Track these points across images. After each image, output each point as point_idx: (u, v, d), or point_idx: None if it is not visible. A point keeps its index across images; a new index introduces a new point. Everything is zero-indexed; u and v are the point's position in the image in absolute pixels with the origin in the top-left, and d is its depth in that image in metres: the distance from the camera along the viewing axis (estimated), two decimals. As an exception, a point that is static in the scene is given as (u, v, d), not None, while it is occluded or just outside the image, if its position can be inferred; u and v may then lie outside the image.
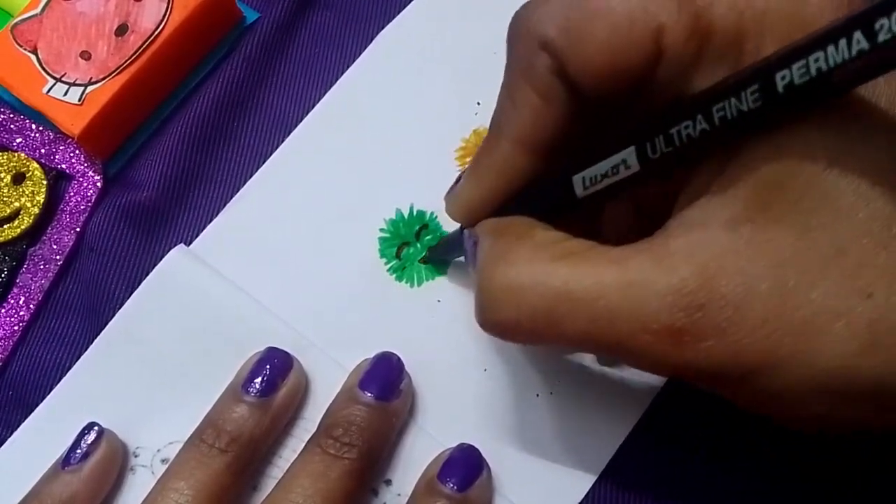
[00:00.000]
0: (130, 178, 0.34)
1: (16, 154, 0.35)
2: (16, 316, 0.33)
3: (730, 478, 0.28)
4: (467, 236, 0.25)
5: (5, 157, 0.34)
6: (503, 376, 0.30)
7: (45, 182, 0.34)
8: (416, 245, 0.32)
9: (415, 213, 0.32)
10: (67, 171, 0.34)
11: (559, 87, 0.22)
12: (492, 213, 0.25)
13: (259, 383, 0.28)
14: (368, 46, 0.35)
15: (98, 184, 0.34)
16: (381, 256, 0.32)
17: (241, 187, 0.33)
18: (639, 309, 0.19)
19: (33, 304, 0.33)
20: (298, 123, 0.34)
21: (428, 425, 0.29)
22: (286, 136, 0.34)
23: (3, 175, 0.34)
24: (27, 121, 0.35)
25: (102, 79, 0.33)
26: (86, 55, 0.33)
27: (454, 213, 0.26)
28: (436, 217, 0.32)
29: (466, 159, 0.33)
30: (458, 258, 0.31)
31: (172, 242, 0.33)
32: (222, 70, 0.35)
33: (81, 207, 0.34)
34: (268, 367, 0.28)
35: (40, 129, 0.35)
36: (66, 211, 0.34)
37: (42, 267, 0.33)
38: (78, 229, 0.34)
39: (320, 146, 0.34)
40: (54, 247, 0.34)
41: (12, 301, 0.33)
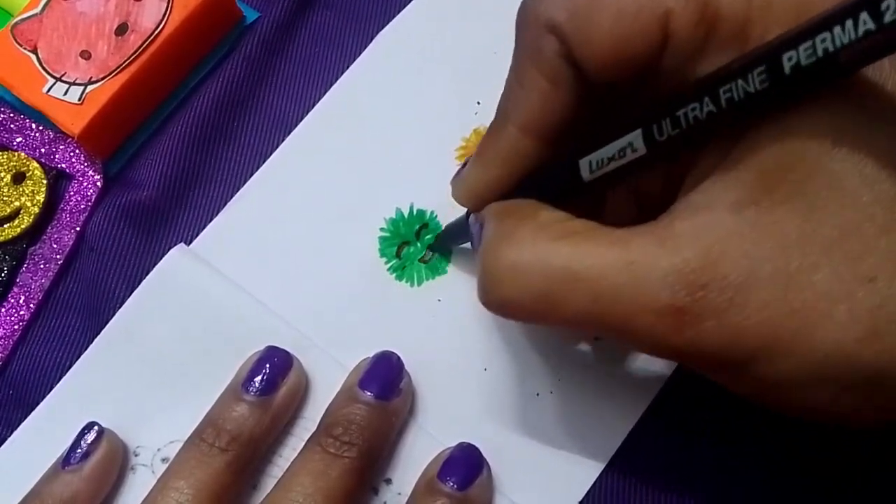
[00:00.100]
0: (131, 178, 0.34)
1: (16, 153, 0.35)
2: (16, 315, 0.33)
3: (730, 477, 0.28)
4: (473, 221, 0.25)
5: (5, 156, 0.34)
6: (503, 375, 0.30)
7: (45, 181, 0.34)
8: (417, 244, 0.32)
9: (415, 212, 0.32)
10: (67, 171, 0.34)
11: (567, 71, 0.22)
12: (498, 198, 0.25)
13: (259, 382, 0.28)
14: (368, 46, 0.35)
15: (98, 183, 0.34)
16: (382, 256, 0.32)
17: (242, 187, 0.34)
18: (641, 288, 0.19)
19: (33, 304, 0.33)
20: (298, 123, 0.34)
21: (428, 425, 0.29)
22: (286, 136, 0.34)
23: (3, 174, 0.34)
24: (27, 120, 0.35)
25: (102, 78, 0.33)
26: (86, 55, 0.33)
27: (460, 198, 0.26)
28: (436, 216, 0.32)
29: (466, 159, 0.33)
30: (463, 244, 0.31)
31: (172, 242, 0.33)
32: (222, 70, 0.35)
33: (81, 207, 0.34)
34: (268, 366, 0.28)
35: (40, 128, 0.35)
36: (66, 210, 0.34)
37: (42, 266, 0.33)
38: (78, 229, 0.34)
39: (320, 146, 0.34)
40: (54, 246, 0.34)
41: (12, 300, 0.33)
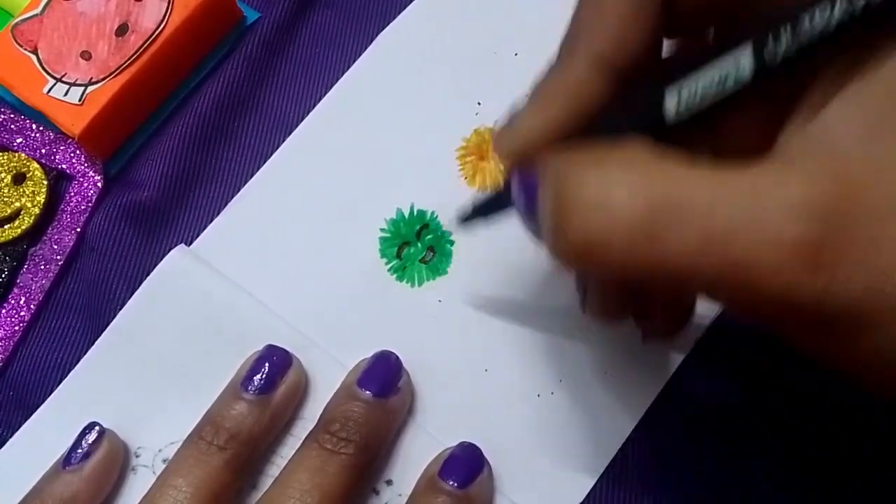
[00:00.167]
0: (131, 178, 0.34)
1: (16, 154, 0.35)
2: (16, 316, 0.33)
3: (732, 478, 0.28)
4: (519, 182, 0.20)
5: (6, 157, 0.34)
6: (504, 376, 0.30)
7: (45, 182, 0.34)
8: (417, 245, 0.32)
9: (415, 212, 0.32)
10: (68, 171, 0.34)
11: None
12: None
13: (258, 381, 0.28)
14: (369, 46, 0.35)
15: (98, 184, 0.34)
16: (382, 256, 0.32)
17: (242, 187, 0.34)
18: (767, 220, 0.15)
19: (34, 305, 0.33)
20: (299, 123, 0.34)
21: (429, 425, 0.29)
22: (287, 136, 0.34)
23: (3, 175, 0.34)
24: (28, 121, 0.35)
25: (103, 79, 0.33)
26: (86, 55, 0.33)
27: (510, 146, 0.21)
28: (436, 216, 0.32)
29: (467, 159, 0.33)
30: (497, 217, 0.25)
31: (173, 242, 0.33)
32: (223, 70, 0.35)
33: (82, 207, 0.34)
34: (267, 364, 0.28)
35: (41, 129, 0.35)
36: (66, 211, 0.34)
37: (43, 267, 0.33)
38: (78, 229, 0.34)
39: (321, 146, 0.34)
40: (55, 247, 0.34)
41: (13, 301, 0.33)
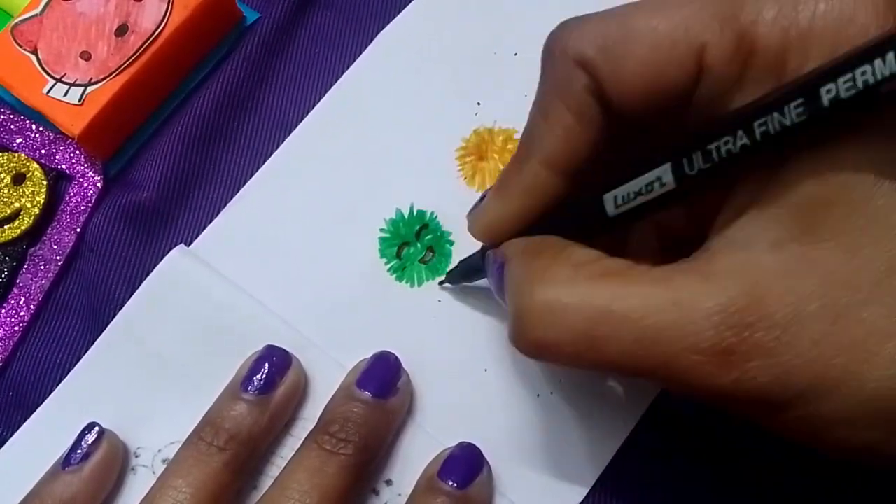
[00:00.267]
0: (131, 179, 0.34)
1: (16, 154, 0.35)
2: (16, 316, 0.33)
3: (732, 477, 0.28)
4: (491, 258, 0.25)
5: (5, 157, 0.34)
6: (504, 376, 0.30)
7: (45, 182, 0.34)
8: (417, 245, 0.32)
9: (415, 212, 0.32)
10: (68, 172, 0.34)
11: (594, 106, 0.21)
12: (518, 234, 0.24)
13: (258, 381, 0.28)
14: (368, 46, 0.35)
15: (98, 184, 0.34)
16: (382, 256, 0.32)
17: (242, 187, 0.33)
18: (686, 328, 0.18)
19: (34, 305, 0.33)
20: (298, 123, 0.34)
21: (428, 425, 0.29)
22: (286, 136, 0.34)
23: (3, 175, 0.34)
24: (27, 121, 0.35)
25: (102, 79, 0.33)
26: (86, 55, 0.33)
27: (478, 233, 0.25)
28: (436, 217, 0.32)
29: (467, 159, 0.33)
30: (477, 282, 0.30)
31: (173, 243, 0.33)
32: (222, 70, 0.35)
33: (82, 208, 0.34)
34: (266, 364, 0.28)
35: (40, 129, 0.35)
36: (66, 211, 0.34)
37: (42, 267, 0.33)
38: (78, 230, 0.34)
39: (320, 146, 0.34)
40: (54, 247, 0.34)
41: (13, 301, 0.33)
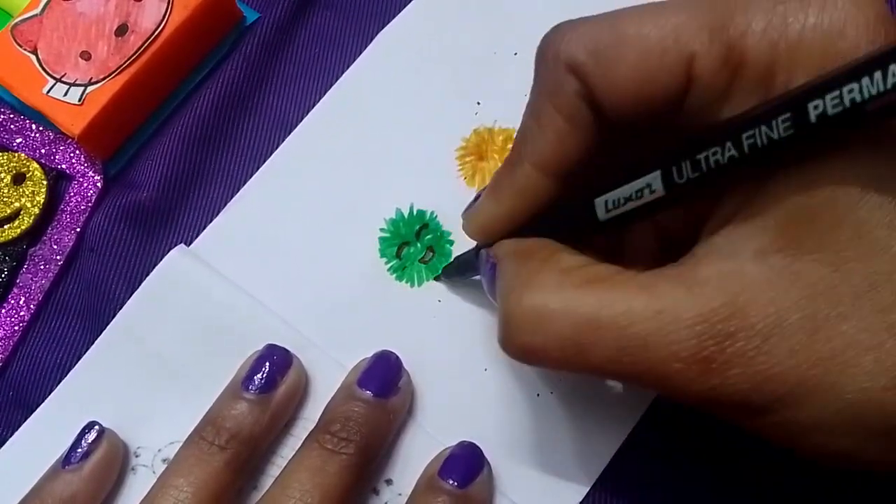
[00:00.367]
0: (131, 179, 0.34)
1: (16, 154, 0.35)
2: (16, 316, 0.33)
3: (732, 477, 0.28)
4: (484, 257, 0.25)
5: (5, 157, 0.34)
6: (504, 376, 0.30)
7: (45, 182, 0.34)
8: (417, 245, 0.32)
9: (415, 212, 0.32)
10: (68, 172, 0.34)
11: (585, 111, 0.21)
12: (510, 234, 0.25)
13: (258, 380, 0.28)
14: (368, 46, 0.35)
15: (98, 184, 0.34)
16: (382, 256, 0.32)
17: (242, 187, 0.33)
18: (669, 337, 0.19)
19: (34, 305, 0.33)
20: (298, 123, 0.34)
21: (428, 425, 0.29)
22: (286, 136, 0.34)
23: (3, 175, 0.34)
24: (27, 121, 0.35)
25: (102, 79, 0.33)
26: (86, 55, 0.33)
27: (472, 232, 0.26)
28: (436, 216, 0.32)
29: (467, 159, 0.33)
30: (472, 277, 0.30)
31: (173, 242, 0.33)
32: (222, 70, 0.35)
33: (82, 208, 0.34)
34: (267, 363, 0.28)
35: (40, 129, 0.35)
36: (66, 211, 0.34)
37: (42, 267, 0.33)
38: (78, 229, 0.34)
39: (320, 146, 0.34)
40: (54, 247, 0.34)
41: (13, 301, 0.33)
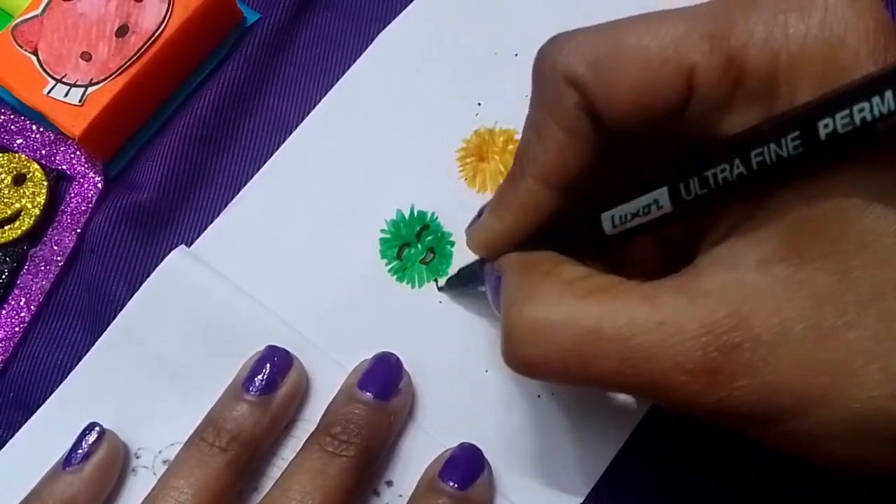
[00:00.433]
0: (131, 180, 0.34)
1: (16, 155, 0.35)
2: (16, 317, 0.33)
3: (732, 478, 0.28)
4: (489, 270, 0.25)
5: (6, 158, 0.34)
6: (505, 377, 0.30)
7: (45, 183, 0.34)
8: (417, 246, 0.32)
9: (416, 213, 0.32)
10: (68, 173, 0.34)
11: (585, 123, 0.21)
12: (514, 248, 0.24)
13: (259, 381, 0.28)
14: (369, 47, 0.35)
15: (99, 185, 0.34)
16: (382, 257, 0.32)
17: (242, 188, 0.33)
18: (673, 348, 0.19)
19: (34, 306, 0.33)
20: (299, 124, 0.34)
21: (429, 426, 0.29)
22: (287, 137, 0.34)
23: (3, 176, 0.34)
24: (28, 122, 0.35)
25: (103, 80, 0.33)
26: (86, 56, 0.33)
27: (476, 247, 0.26)
28: (436, 218, 0.32)
29: (467, 160, 0.33)
30: (475, 289, 0.30)
31: (173, 243, 0.33)
32: (223, 71, 0.35)
33: (82, 209, 0.34)
34: (268, 365, 0.28)
35: (41, 130, 0.35)
36: (66, 212, 0.34)
37: (43, 268, 0.33)
38: (79, 230, 0.34)
39: (321, 147, 0.34)
40: (55, 248, 0.34)
41: (13, 302, 0.33)
